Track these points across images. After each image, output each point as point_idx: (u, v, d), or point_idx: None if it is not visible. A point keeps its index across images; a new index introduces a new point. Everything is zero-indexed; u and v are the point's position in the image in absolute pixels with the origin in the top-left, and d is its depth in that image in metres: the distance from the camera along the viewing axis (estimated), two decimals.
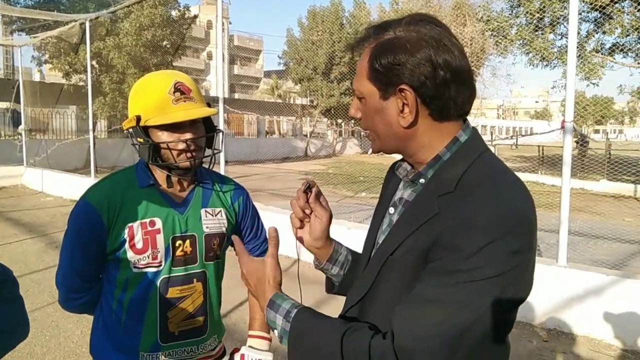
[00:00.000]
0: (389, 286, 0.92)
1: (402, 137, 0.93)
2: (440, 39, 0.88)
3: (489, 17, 13.72)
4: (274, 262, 1.04)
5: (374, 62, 0.90)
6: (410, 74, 0.87)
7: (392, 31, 0.91)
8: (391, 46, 0.89)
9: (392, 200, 1.04)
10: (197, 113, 1.38)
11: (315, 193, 1.09)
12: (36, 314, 4.32)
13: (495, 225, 0.79)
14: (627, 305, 3.87)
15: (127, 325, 1.44)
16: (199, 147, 1.42)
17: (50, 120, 18.99)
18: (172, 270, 1.44)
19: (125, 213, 1.40)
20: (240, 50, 54.72)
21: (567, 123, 4.17)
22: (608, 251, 6.54)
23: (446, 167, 0.91)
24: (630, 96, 13.91)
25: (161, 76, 1.42)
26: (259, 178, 16.09)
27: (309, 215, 1.11)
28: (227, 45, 42.66)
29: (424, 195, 0.93)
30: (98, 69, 18.30)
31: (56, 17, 12.28)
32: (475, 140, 0.94)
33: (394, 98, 0.90)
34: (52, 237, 7.27)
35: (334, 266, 1.17)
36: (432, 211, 0.87)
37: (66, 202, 10.43)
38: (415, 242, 0.88)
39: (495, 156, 0.94)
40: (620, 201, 12.17)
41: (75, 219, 1.42)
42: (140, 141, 1.40)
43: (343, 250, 1.19)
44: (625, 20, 11.42)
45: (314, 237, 1.12)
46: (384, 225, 1.02)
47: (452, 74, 0.87)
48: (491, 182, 0.86)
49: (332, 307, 1.26)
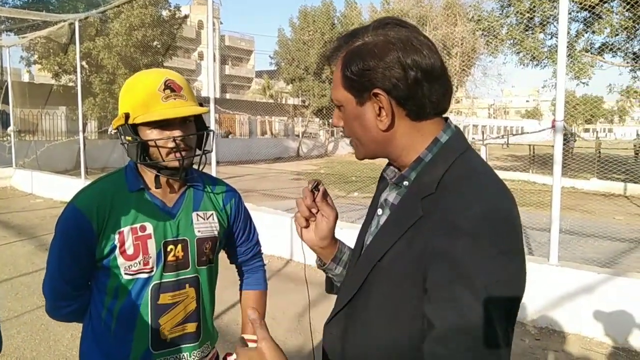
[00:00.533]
0: (379, 294, 0.91)
1: (382, 141, 0.94)
2: (407, 39, 0.88)
3: (480, 17, 13.78)
4: (270, 344, 0.89)
5: (345, 70, 0.92)
6: (382, 77, 0.88)
7: (360, 38, 0.92)
8: (360, 52, 0.90)
9: (380, 202, 1.04)
10: (186, 111, 1.35)
11: (322, 192, 1.09)
12: (26, 317, 4.28)
13: (480, 227, 0.79)
14: (617, 303, 3.90)
15: (117, 333, 1.40)
16: (188, 146, 1.38)
17: (39, 121, 18.83)
18: (163, 276, 1.40)
19: (115, 218, 1.36)
20: (231, 51, 54.55)
21: (557, 122, 4.19)
22: (599, 249, 6.58)
23: (427, 169, 0.92)
24: (619, 95, 14.03)
25: (152, 74, 1.39)
26: (250, 178, 16.06)
27: (314, 214, 1.10)
28: (218, 46, 42.52)
29: (408, 198, 0.93)
30: (88, 69, 18.20)
31: (45, 17, 12.18)
32: (457, 140, 0.94)
33: (369, 103, 0.92)
34: (41, 239, 7.20)
35: (338, 266, 1.16)
36: (416, 214, 0.87)
37: (56, 204, 10.35)
38: (403, 248, 0.87)
39: (477, 155, 0.94)
40: (610, 199, 12.28)
41: (63, 225, 1.38)
42: (129, 139, 1.36)
43: (346, 250, 1.18)
44: (614, 19, 11.52)
45: (320, 236, 1.11)
46: (372, 227, 1.03)
47: (423, 73, 0.87)
48: (471, 182, 0.86)
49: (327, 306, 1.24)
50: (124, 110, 1.36)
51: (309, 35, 27.27)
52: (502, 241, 0.80)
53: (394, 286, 0.88)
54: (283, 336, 3.98)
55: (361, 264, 0.98)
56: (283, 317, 4.34)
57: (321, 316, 0.98)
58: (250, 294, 1.63)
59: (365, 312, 0.94)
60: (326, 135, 33.93)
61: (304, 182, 15.39)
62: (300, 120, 31.93)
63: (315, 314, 0.97)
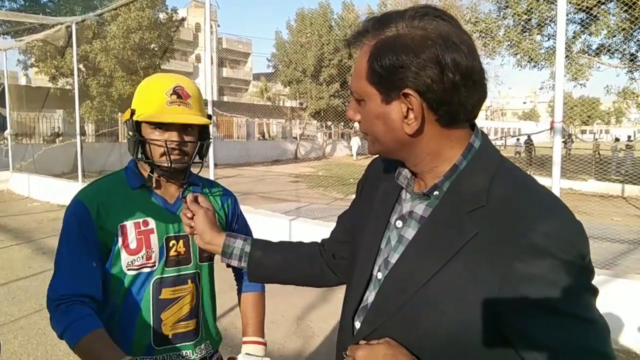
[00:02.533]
0: (433, 320, 0.83)
1: (406, 144, 0.86)
2: (447, 35, 0.79)
3: (477, 19, 13.80)
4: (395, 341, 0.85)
5: (374, 62, 0.82)
6: (415, 77, 0.79)
7: (393, 27, 0.82)
8: (393, 45, 0.80)
9: (398, 212, 0.96)
10: (184, 118, 1.38)
11: (191, 198, 1.27)
12: (22, 322, 4.25)
13: (563, 244, 0.75)
14: (617, 305, 3.88)
15: (120, 329, 1.40)
16: (183, 152, 1.41)
17: (36, 124, 18.79)
18: (165, 271, 1.42)
19: (117, 212, 1.39)
20: (228, 53, 54.56)
21: (556, 123, 4.18)
22: (597, 251, 6.57)
23: (464, 178, 0.85)
24: (616, 96, 14.08)
25: (165, 78, 1.44)
26: (248, 181, 16.04)
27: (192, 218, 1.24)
28: (215, 48, 42.55)
29: (445, 211, 0.85)
30: (85, 72, 18.15)
31: (42, 20, 12.18)
32: (490, 145, 0.88)
33: (397, 102, 0.83)
34: (39, 243, 7.17)
35: (231, 260, 1.21)
36: (467, 231, 0.80)
37: (53, 207, 10.31)
38: (460, 270, 0.80)
39: (512, 162, 0.88)
40: (608, 200, 12.29)
41: (67, 218, 1.40)
42: (130, 134, 1.42)
43: (237, 244, 1.21)
44: (612, 21, 11.56)
45: (199, 232, 1.22)
46: (393, 241, 0.94)
47: (461, 76, 0.79)
48: (532, 195, 0.81)
49: (325, 309, 1.21)
50: (133, 106, 1.42)
51: (306, 37, 27.28)
52: (584, 253, 0.78)
53: (455, 313, 0.81)
54: (282, 339, 3.95)
55: (391, 286, 0.90)
56: (282, 320, 4.32)
57: (320, 319, 0.96)
58: (249, 296, 1.63)
59: (409, 338, 0.85)
60: (324, 138, 33.94)
61: (302, 185, 15.41)
62: (298, 123, 31.92)
63: (314, 317, 0.96)
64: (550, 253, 0.74)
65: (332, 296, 4.66)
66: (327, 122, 31.84)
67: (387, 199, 0.99)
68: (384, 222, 0.97)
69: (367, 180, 1.12)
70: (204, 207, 1.25)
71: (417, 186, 0.93)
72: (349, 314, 1.00)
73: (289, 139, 31.93)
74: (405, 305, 0.85)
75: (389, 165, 1.02)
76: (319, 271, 1.22)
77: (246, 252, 1.21)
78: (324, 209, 9.56)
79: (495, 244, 0.77)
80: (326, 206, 10.29)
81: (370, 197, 1.05)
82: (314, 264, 1.23)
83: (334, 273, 1.22)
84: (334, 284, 1.25)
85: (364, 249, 1.00)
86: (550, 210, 0.78)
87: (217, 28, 46.29)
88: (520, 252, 0.75)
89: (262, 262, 1.21)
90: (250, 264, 1.21)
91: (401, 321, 0.86)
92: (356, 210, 1.14)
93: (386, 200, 1.00)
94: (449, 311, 0.81)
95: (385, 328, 0.88)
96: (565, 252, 0.75)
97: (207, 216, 1.24)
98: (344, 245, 1.16)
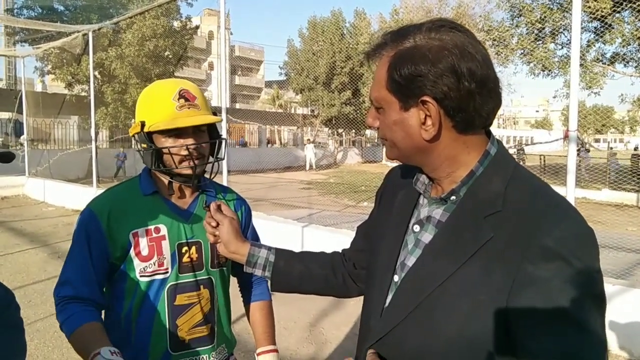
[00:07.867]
0: (446, 316, 0.85)
1: (424, 150, 0.89)
2: (463, 46, 0.83)
3: (490, 27, 13.79)
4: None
5: (393, 72, 0.86)
6: (433, 85, 0.83)
7: (411, 38, 0.86)
8: (412, 56, 0.84)
9: (415, 217, 0.98)
10: (199, 120, 1.39)
11: (215, 207, 1.28)
12: (38, 324, 4.30)
13: (574, 249, 0.77)
14: (633, 315, 3.84)
15: (136, 336, 1.41)
16: (201, 154, 1.42)
17: (52, 130, 19.05)
18: (179, 277, 1.43)
19: (129, 220, 1.39)
20: (241, 61, 54.93)
21: (571, 132, 4.16)
22: (613, 260, 6.49)
23: (481, 184, 0.87)
24: (630, 105, 13.94)
25: (167, 84, 1.43)
26: (261, 187, 16.09)
27: (216, 227, 1.26)
28: (228, 56, 42.85)
29: (463, 215, 0.87)
30: (100, 79, 18.42)
31: (59, 28, 12.36)
32: (505, 152, 0.91)
33: (415, 109, 0.87)
34: (54, 247, 7.25)
35: (255, 269, 1.23)
36: (483, 235, 0.82)
37: (68, 212, 10.43)
38: (475, 271, 0.82)
39: (527, 169, 0.91)
40: (623, 210, 12.13)
41: (77, 227, 1.42)
42: (144, 147, 1.41)
43: (261, 253, 1.23)
44: (626, 29, 11.47)
45: (224, 241, 1.24)
46: (410, 245, 0.96)
47: (477, 84, 0.82)
48: (546, 200, 0.83)
49: (338, 316, 1.22)
50: (140, 118, 1.41)
51: (318, 45, 27.42)
52: (594, 261, 0.79)
53: (468, 313, 0.82)
54: (295, 346, 3.96)
55: (408, 288, 0.92)
56: (295, 326, 4.33)
57: (333, 326, 0.97)
58: (258, 305, 1.62)
59: (424, 338, 0.88)
60: (335, 145, 33.97)
61: (314, 192, 15.42)
62: (310, 130, 31.99)
63: (327, 324, 0.96)
64: (561, 256, 0.76)
65: (344, 303, 4.65)
66: (339, 130, 31.87)
67: (406, 205, 1.02)
68: (403, 228, 0.99)
69: (386, 189, 1.14)
70: (228, 216, 1.26)
71: (434, 191, 0.96)
72: (367, 317, 1.02)
73: (301, 146, 31.98)
74: (421, 305, 0.88)
75: (407, 174, 1.05)
76: (341, 281, 1.23)
77: (270, 261, 1.23)
78: (336, 215, 9.57)
79: (509, 247, 0.80)
80: (338, 213, 10.30)
81: (389, 205, 1.08)
82: (336, 274, 1.24)
83: (355, 283, 1.23)
84: (356, 294, 1.25)
85: (384, 254, 1.01)
86: (564, 216, 0.80)
87: (230, 36, 46.66)
88: (531, 253, 0.78)
89: (285, 272, 1.23)
90: (274, 274, 1.22)
91: (416, 321, 0.88)
92: (375, 219, 1.16)
93: (405, 207, 1.02)
94: (464, 312, 0.83)
95: (401, 328, 0.90)
96: (576, 257, 0.77)
97: (232, 225, 1.25)
98: (365, 254, 1.17)
